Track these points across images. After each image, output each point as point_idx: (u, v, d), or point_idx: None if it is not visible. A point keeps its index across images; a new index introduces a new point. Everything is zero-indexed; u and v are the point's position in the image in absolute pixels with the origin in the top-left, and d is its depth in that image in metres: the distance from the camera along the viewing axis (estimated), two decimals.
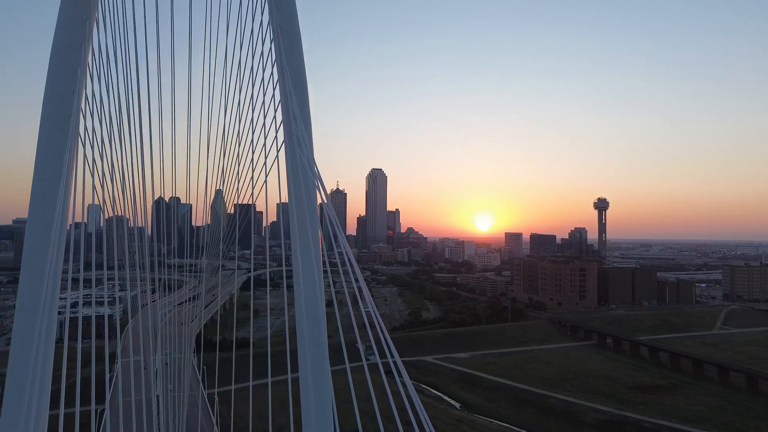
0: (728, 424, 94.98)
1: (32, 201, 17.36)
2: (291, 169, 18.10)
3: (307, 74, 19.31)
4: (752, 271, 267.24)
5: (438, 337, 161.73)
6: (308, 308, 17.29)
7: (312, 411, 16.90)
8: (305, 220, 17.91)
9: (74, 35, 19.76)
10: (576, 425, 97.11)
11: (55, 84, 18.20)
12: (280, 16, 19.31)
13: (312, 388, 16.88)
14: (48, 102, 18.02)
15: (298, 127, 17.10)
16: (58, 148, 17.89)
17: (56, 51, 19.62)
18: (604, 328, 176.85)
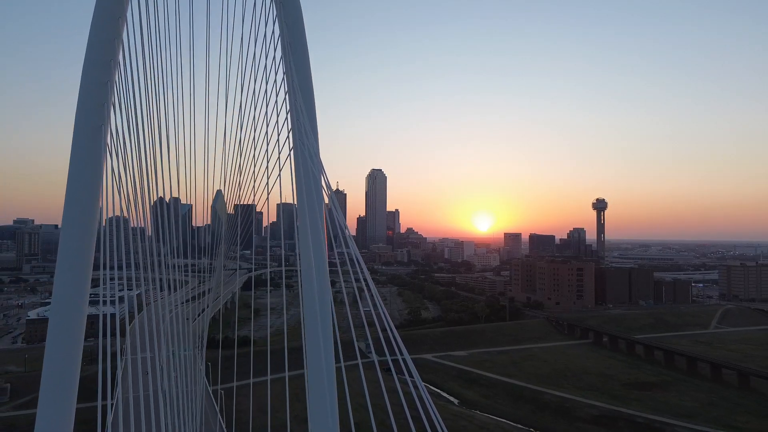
0: (718, 419, 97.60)
1: (67, 201, 19.50)
2: (300, 175, 20.81)
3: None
4: (748, 271, 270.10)
5: (437, 336, 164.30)
6: (315, 307, 19.74)
7: (317, 406, 19.21)
8: (314, 222, 20.53)
9: (103, 56, 21.78)
10: (570, 420, 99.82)
11: (86, 98, 20.36)
12: (291, 36, 22.10)
13: (318, 384, 19.28)
14: (80, 113, 20.32)
15: (309, 140, 19.77)
16: (90, 154, 20.27)
17: (87, 70, 21.78)
18: (600, 326, 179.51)
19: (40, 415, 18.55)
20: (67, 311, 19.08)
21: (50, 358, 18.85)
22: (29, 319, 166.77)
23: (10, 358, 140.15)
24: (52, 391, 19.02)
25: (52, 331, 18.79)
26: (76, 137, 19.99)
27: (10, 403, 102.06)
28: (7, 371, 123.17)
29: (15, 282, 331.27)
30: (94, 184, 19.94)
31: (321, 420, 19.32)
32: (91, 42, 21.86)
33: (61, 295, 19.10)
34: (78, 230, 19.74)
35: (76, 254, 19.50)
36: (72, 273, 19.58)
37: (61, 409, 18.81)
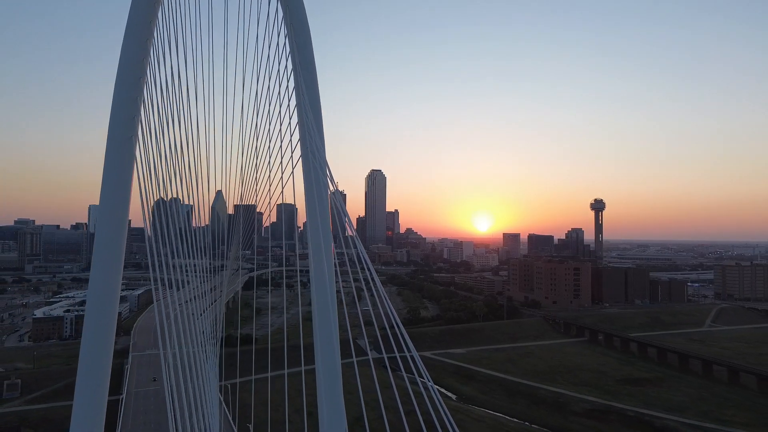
0: (707, 413, 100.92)
1: (102, 202, 22.20)
2: (310, 181, 24.04)
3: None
4: (743, 270, 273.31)
5: (435, 334, 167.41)
6: (322, 307, 22.45)
7: (327, 399, 21.59)
8: (323, 225, 23.67)
9: (134, 74, 24.49)
10: (564, 414, 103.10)
11: (119, 111, 23.11)
12: (302, 58, 25.41)
13: (325, 380, 21.51)
14: (113, 125, 23.15)
15: (319, 153, 23.03)
16: (122, 161, 23.16)
17: (120, 83, 24.57)
18: (595, 325, 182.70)
19: (78, 393, 20.42)
20: (101, 305, 21.38)
21: (86, 346, 21.25)
22: (35, 318, 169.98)
23: (18, 355, 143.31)
24: (89, 374, 21.01)
25: (88, 323, 21.15)
26: (109, 146, 22.86)
27: (22, 398, 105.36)
28: (16, 368, 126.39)
29: (18, 282, 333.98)
30: (125, 190, 22.76)
31: (330, 414, 21.52)
32: (122, 63, 24.70)
33: (96, 291, 21.53)
34: (110, 232, 22.21)
35: (109, 254, 22.04)
36: (105, 272, 22.02)
37: (97, 390, 20.67)
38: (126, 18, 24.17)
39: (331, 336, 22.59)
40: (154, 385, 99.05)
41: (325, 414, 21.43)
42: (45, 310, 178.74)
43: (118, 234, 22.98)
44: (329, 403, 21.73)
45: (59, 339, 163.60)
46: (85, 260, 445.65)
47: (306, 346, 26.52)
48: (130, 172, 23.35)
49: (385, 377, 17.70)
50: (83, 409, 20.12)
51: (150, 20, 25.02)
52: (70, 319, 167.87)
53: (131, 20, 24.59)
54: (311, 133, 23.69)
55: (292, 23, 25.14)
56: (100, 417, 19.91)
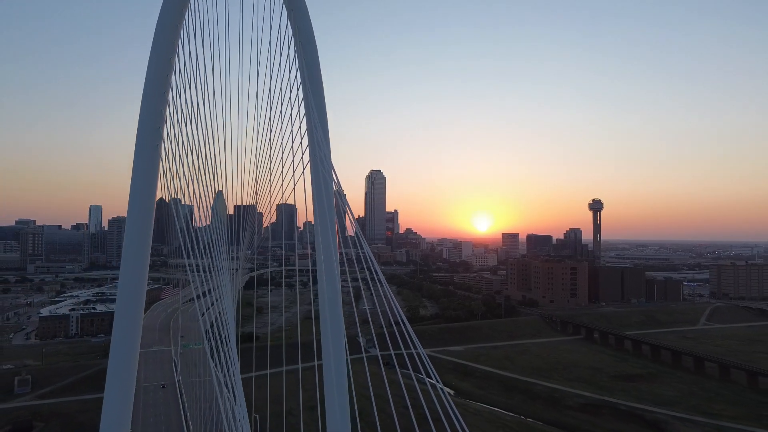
0: (696, 407, 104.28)
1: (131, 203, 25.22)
2: (315, 187, 27.23)
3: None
4: (738, 270, 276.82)
5: (434, 332, 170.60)
6: (330, 305, 25.23)
7: (334, 393, 23.88)
8: (330, 226, 26.84)
9: (159, 88, 27.15)
10: (559, 408, 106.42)
11: (146, 121, 26.07)
12: (310, 73, 28.63)
13: (333, 375, 24.06)
14: (141, 134, 26.17)
15: (325, 157, 26.25)
16: (149, 166, 26.27)
17: (146, 97, 27.43)
18: (592, 323, 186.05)
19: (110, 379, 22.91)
20: (130, 297, 23.95)
21: (117, 335, 23.40)
22: (42, 317, 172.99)
23: (27, 353, 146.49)
24: (120, 361, 23.30)
25: (119, 313, 23.67)
26: (137, 154, 25.84)
27: (32, 393, 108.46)
28: (25, 365, 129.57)
29: (20, 282, 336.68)
30: (151, 193, 25.88)
31: (334, 408, 24.07)
32: (148, 78, 27.73)
33: (125, 286, 24.00)
34: (139, 231, 24.91)
35: (138, 252, 24.52)
36: (133, 268, 24.42)
37: (127, 375, 23.19)
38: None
39: (339, 332, 25.44)
40: (162, 380, 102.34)
41: (336, 407, 23.80)
42: (51, 309, 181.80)
43: (146, 234, 25.76)
44: (336, 397, 24.24)
45: (65, 337, 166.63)
46: (86, 260, 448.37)
47: (305, 343, 29.05)
48: (155, 178, 26.49)
49: (389, 373, 19.88)
50: (114, 396, 22.62)
51: (173, 40, 28.09)
52: (75, 317, 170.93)
53: (157, 39, 27.35)
54: (320, 144, 26.86)
55: (301, 43, 28.42)
56: (129, 404, 22.58)
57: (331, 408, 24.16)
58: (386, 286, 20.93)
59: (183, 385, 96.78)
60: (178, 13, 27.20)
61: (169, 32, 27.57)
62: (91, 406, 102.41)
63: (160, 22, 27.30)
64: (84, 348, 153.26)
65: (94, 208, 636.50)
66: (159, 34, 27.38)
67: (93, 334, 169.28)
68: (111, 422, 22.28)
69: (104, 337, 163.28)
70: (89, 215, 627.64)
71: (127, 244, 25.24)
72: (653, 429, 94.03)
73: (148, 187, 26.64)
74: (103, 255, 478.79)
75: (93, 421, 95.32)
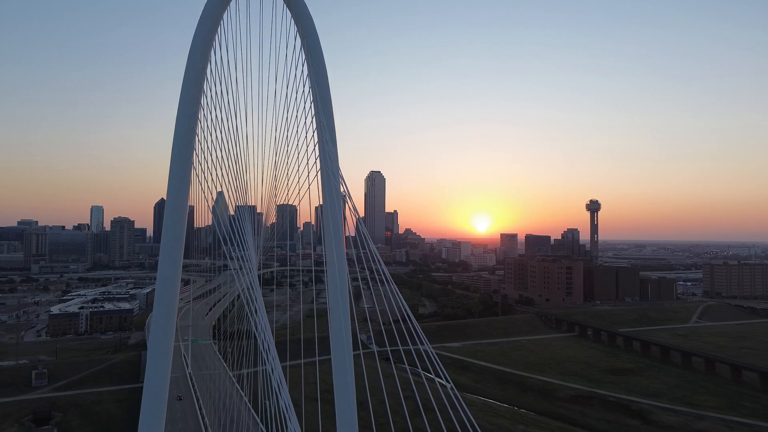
0: (681, 398, 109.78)
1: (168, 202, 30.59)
2: (326, 191, 32.55)
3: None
4: (730, 269, 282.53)
5: (432, 329, 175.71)
6: (337, 302, 30.17)
7: (342, 387, 28.22)
8: (337, 228, 32.12)
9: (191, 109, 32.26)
10: (550, 400, 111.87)
11: (180, 132, 31.37)
12: (320, 90, 34.03)
13: (341, 370, 28.32)
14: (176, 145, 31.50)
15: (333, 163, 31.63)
16: (183, 173, 31.49)
17: (181, 113, 32.69)
18: (586, 321, 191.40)
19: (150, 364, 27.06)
20: (167, 291, 28.34)
21: (156, 324, 27.74)
22: (52, 314, 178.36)
23: (39, 349, 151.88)
24: (158, 348, 27.39)
25: (157, 304, 27.99)
26: (173, 163, 31.10)
27: (49, 386, 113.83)
28: (39, 360, 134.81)
29: (26, 281, 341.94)
30: (184, 195, 31.13)
31: (343, 399, 28.65)
32: (183, 98, 32.98)
33: (163, 281, 28.17)
34: (174, 231, 29.49)
35: (173, 250, 28.90)
36: (170, 265, 28.64)
37: (164, 360, 27.40)
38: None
39: (345, 328, 30.16)
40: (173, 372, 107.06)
41: (344, 400, 27.85)
42: (61, 307, 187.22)
43: (180, 233, 30.64)
44: (342, 390, 28.26)
45: (75, 334, 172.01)
46: (89, 260, 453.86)
47: (307, 340, 33.10)
48: (188, 181, 31.83)
49: (393, 368, 24.30)
50: (153, 383, 26.37)
51: (203, 66, 33.46)
52: (85, 315, 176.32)
53: (190, 63, 32.52)
54: (331, 156, 32.29)
55: (312, 65, 33.87)
56: (165, 390, 26.61)
57: (339, 400, 28.18)
58: (393, 285, 24.95)
59: (195, 378, 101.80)
60: (206, 44, 32.48)
61: (199, 61, 32.94)
62: (105, 398, 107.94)
63: (192, 53, 32.69)
64: (94, 344, 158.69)
65: (95, 209, 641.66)
66: (190, 66, 32.62)
67: (102, 331, 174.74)
68: (151, 402, 26.42)
69: (113, 335, 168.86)
70: (91, 216, 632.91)
71: (164, 246, 29.27)
72: (638, 418, 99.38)
73: (182, 197, 31.31)
74: (105, 255, 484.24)
75: (109, 411, 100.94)
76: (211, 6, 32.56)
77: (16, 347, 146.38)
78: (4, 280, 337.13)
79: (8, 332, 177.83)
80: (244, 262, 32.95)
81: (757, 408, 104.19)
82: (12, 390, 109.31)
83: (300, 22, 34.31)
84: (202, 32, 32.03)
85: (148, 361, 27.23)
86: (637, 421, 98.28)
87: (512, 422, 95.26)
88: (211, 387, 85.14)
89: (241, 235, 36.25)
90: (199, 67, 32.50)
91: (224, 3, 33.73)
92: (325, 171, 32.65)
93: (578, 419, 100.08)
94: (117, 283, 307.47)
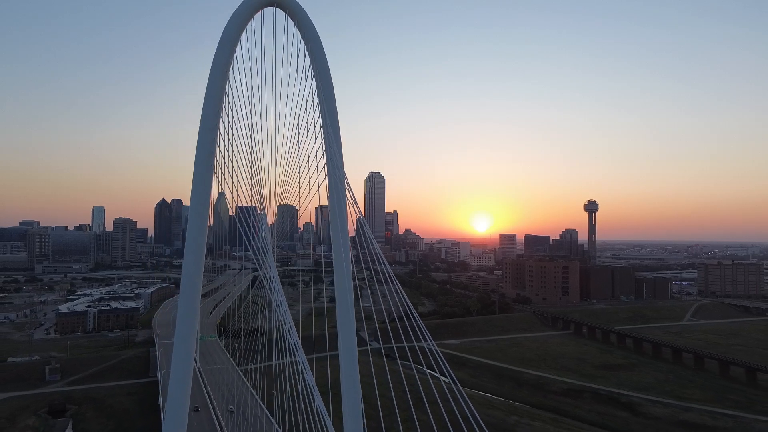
0: (669, 392, 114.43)
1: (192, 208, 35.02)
2: (333, 199, 37.07)
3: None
4: (724, 269, 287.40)
5: (431, 327, 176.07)
6: (344, 300, 34.54)
7: (347, 381, 32.86)
8: (342, 229, 36.66)
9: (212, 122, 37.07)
10: (544, 393, 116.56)
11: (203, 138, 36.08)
12: (328, 106, 38.60)
13: (346, 365, 32.47)
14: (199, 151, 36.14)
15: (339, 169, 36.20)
16: (205, 176, 36.06)
17: (203, 128, 37.28)
18: (581, 319, 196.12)
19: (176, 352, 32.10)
20: (191, 286, 33.59)
21: (182, 316, 32.85)
22: (60, 313, 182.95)
23: (49, 346, 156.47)
24: (183, 339, 32.66)
25: (183, 297, 33.18)
26: (196, 169, 35.73)
27: (62, 381, 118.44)
28: (51, 356, 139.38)
29: (30, 281, 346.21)
30: (206, 198, 35.66)
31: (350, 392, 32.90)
32: (205, 112, 37.41)
33: (188, 276, 33.28)
34: (198, 229, 34.51)
35: (197, 248, 33.94)
36: (194, 262, 33.77)
37: (188, 349, 32.77)
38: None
39: (350, 324, 34.60)
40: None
41: (349, 393, 31.55)
42: (69, 306, 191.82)
43: (202, 232, 35.13)
44: (348, 383, 32.04)
45: (83, 332, 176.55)
46: (92, 261, 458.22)
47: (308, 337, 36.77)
48: (210, 185, 36.38)
49: (392, 364, 28.21)
50: (178, 373, 31.37)
51: (223, 84, 38.07)
52: (93, 313, 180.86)
53: (211, 82, 36.95)
54: (338, 165, 36.89)
55: (320, 81, 38.42)
56: (188, 380, 31.64)
57: (346, 393, 31.82)
58: (397, 285, 28.58)
59: (204, 372, 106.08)
60: (225, 63, 36.83)
61: (220, 78, 37.54)
62: (117, 392, 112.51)
63: (212, 72, 37.24)
64: (103, 342, 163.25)
65: (96, 209, 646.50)
66: (211, 83, 37.17)
67: (109, 329, 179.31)
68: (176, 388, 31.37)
69: (120, 332, 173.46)
70: (92, 216, 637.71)
71: (188, 245, 34.48)
72: (627, 410, 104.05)
73: (204, 200, 35.95)
74: (108, 255, 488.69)
75: (121, 404, 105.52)
76: (230, 29, 37.22)
77: (29, 344, 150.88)
78: (9, 280, 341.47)
79: (17, 330, 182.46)
80: (264, 254, 37.57)
81: (742, 401, 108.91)
82: (27, 384, 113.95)
83: (309, 42, 38.86)
84: (221, 54, 36.66)
85: (175, 350, 31.75)
86: (627, 413, 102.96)
87: (507, 414, 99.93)
88: (224, 390, 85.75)
89: (259, 232, 40.88)
90: (220, 84, 37.18)
91: (241, 27, 38.40)
92: (333, 179, 37.18)
93: (570, 411, 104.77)
94: (121, 282, 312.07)
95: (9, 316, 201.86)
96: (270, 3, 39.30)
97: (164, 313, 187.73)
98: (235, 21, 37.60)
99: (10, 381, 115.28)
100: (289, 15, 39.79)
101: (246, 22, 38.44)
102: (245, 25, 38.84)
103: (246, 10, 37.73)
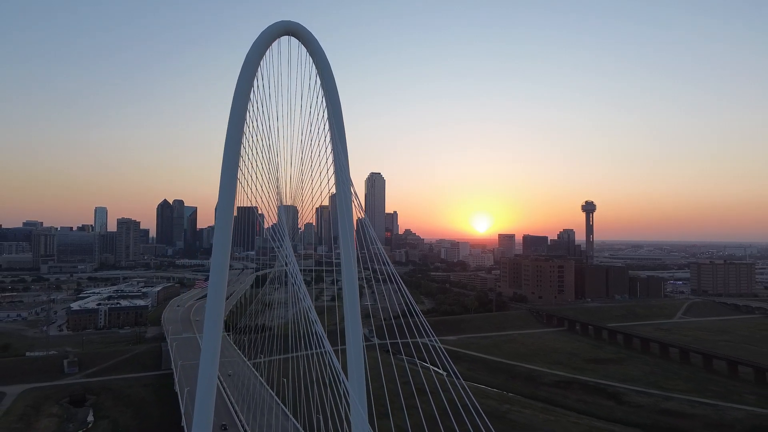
0: (653, 383, 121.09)
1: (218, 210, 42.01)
2: (340, 201, 43.83)
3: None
4: (716, 268, 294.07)
5: (430, 324, 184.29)
6: (350, 297, 41.23)
7: (353, 375, 38.82)
8: (348, 230, 43.43)
9: (237, 133, 44.13)
10: (535, 385, 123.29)
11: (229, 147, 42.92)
12: (336, 122, 45.33)
13: (354, 359, 39.17)
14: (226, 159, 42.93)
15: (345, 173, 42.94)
16: (230, 182, 42.86)
17: (229, 137, 44.11)
18: (575, 316, 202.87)
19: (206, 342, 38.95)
20: (219, 281, 40.16)
21: (210, 308, 39.42)
22: (72, 310, 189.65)
23: (64, 341, 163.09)
24: (212, 330, 39.21)
25: (211, 292, 39.85)
26: (224, 174, 42.56)
27: (80, 373, 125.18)
28: (67, 351, 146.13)
29: (37, 281, 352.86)
30: (231, 202, 42.33)
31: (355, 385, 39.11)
32: (231, 121, 43.76)
33: (215, 272, 40.06)
34: (224, 230, 41.67)
35: (223, 247, 40.64)
36: (221, 258, 40.41)
37: (216, 336, 39.24)
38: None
39: (356, 321, 41.05)
40: (194, 360, 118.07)
41: (354, 386, 37.60)
42: (80, 304, 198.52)
43: (227, 231, 41.77)
44: (355, 377, 37.72)
45: (95, 329, 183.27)
46: (96, 261, 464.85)
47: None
48: (234, 191, 43.05)
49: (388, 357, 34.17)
50: (207, 364, 37.72)
51: (245, 102, 44.69)
52: (104, 311, 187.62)
53: (236, 99, 43.42)
54: (344, 170, 43.61)
55: (329, 99, 45.16)
56: (215, 369, 38.24)
57: (353, 386, 37.12)
58: (401, 283, 34.37)
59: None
60: (247, 87, 43.44)
61: (242, 98, 44.13)
62: (133, 383, 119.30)
63: (236, 94, 43.82)
64: (114, 338, 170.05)
65: (99, 210, 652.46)
66: (235, 103, 43.79)
67: (119, 326, 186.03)
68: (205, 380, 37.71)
69: (130, 329, 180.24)
70: (95, 217, 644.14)
71: (216, 244, 41.46)
72: (613, 399, 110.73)
73: (229, 203, 42.75)
74: (112, 255, 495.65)
75: (138, 393, 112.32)
76: (252, 54, 43.84)
77: (45, 340, 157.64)
78: (17, 280, 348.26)
79: (30, 327, 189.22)
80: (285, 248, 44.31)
81: (722, 391, 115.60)
82: (48, 376, 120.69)
83: (320, 66, 45.66)
84: (244, 78, 43.31)
85: (204, 340, 38.34)
86: (612, 402, 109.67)
87: (499, 402, 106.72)
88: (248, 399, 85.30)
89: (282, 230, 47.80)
90: (243, 102, 43.88)
91: (261, 53, 45.17)
92: (340, 186, 43.92)
93: (559, 401, 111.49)
94: (127, 281, 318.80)
95: (21, 314, 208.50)
96: (286, 32, 45.94)
97: (172, 311, 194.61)
98: (256, 47, 43.99)
99: (31, 373, 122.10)
100: (302, 43, 46.27)
101: (265, 48, 44.97)
102: (264, 51, 45.56)
103: (265, 39, 44.20)
